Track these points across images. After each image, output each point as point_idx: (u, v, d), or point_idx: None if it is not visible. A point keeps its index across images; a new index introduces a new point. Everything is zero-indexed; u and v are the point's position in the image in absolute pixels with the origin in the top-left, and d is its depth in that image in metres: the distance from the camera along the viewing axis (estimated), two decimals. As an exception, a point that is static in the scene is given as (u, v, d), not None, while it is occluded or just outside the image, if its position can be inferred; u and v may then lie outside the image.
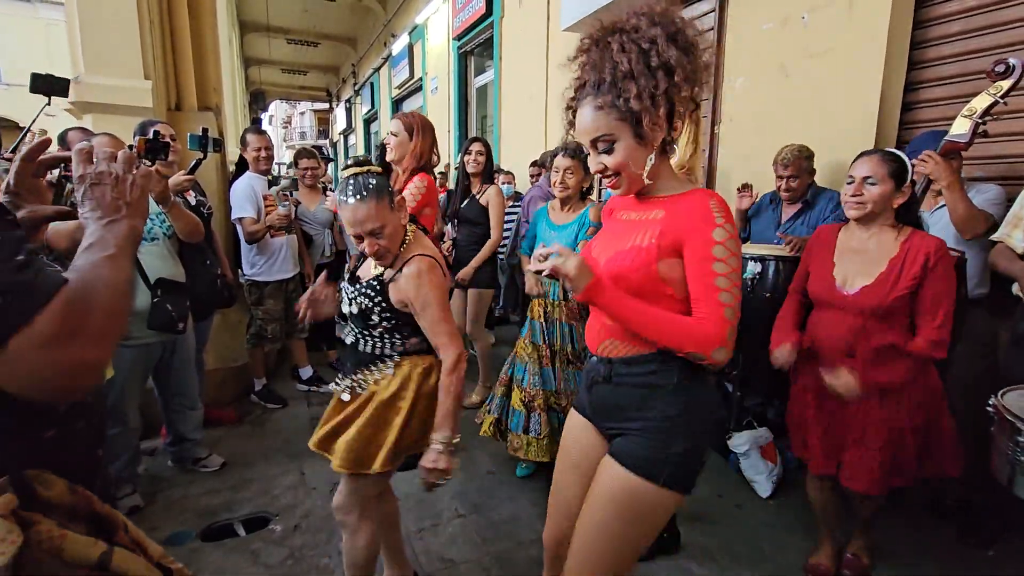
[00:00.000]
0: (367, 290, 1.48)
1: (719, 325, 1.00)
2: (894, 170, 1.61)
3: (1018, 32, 2.22)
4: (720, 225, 1.01)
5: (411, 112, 2.57)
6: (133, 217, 0.80)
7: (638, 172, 1.08)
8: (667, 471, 1.07)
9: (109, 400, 2.13)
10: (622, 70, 1.01)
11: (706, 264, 1.01)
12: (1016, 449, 1.17)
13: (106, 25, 2.91)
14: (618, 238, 1.14)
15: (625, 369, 1.13)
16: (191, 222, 2.36)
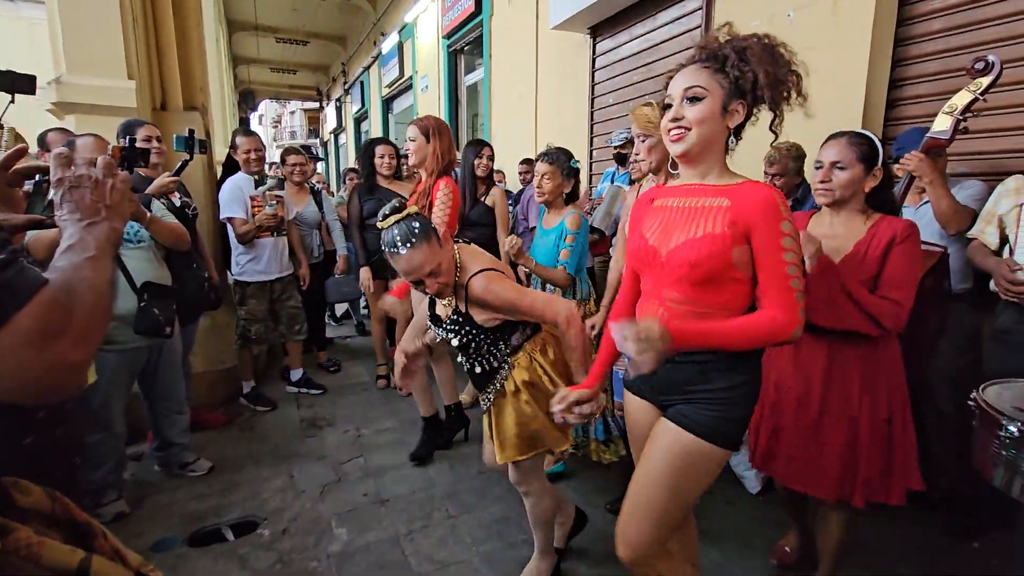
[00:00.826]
0: (455, 327, 1.57)
1: (792, 310, 1.11)
2: (863, 153, 1.54)
3: (999, 29, 2.24)
4: (787, 218, 1.12)
5: (426, 116, 2.64)
6: (113, 219, 0.79)
7: (707, 137, 1.17)
8: (727, 433, 1.19)
9: (94, 405, 2.10)
10: (752, 54, 1.13)
11: (777, 255, 1.11)
12: (996, 443, 1.18)
13: (88, 24, 2.88)
14: (682, 225, 1.20)
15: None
16: (174, 231, 2.34)
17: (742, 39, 1.17)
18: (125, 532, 2.12)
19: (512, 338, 1.60)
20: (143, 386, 2.39)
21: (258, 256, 3.21)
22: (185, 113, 3.49)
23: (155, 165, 2.73)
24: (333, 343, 4.81)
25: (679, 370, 1.22)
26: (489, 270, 1.52)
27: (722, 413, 1.19)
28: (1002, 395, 1.29)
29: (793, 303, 1.12)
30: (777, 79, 1.14)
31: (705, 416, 1.19)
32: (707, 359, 1.19)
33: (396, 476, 2.56)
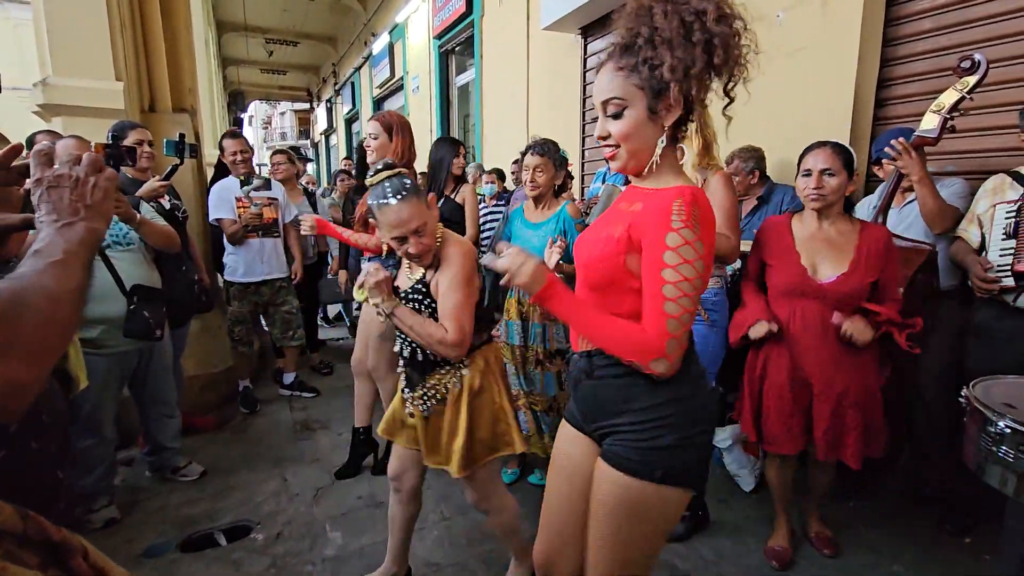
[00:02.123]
0: (414, 295, 1.48)
1: (658, 335, 0.96)
2: (846, 161, 1.72)
3: (987, 29, 2.26)
4: (676, 229, 0.94)
5: (387, 112, 2.51)
6: (93, 220, 0.75)
7: (640, 148, 1.03)
8: (661, 466, 1.02)
9: (84, 410, 2.08)
10: (659, 36, 0.95)
11: (655, 269, 0.96)
12: (986, 439, 1.19)
13: (74, 25, 2.84)
14: (602, 227, 1.10)
15: (604, 361, 1.08)
16: (163, 234, 2.32)
17: (652, 12, 0.96)
18: (117, 538, 2.10)
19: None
20: (134, 390, 2.36)
21: (242, 257, 3.19)
22: (174, 115, 3.45)
23: (144, 169, 2.71)
24: (326, 345, 4.78)
25: (599, 389, 1.10)
26: (470, 245, 1.51)
27: (649, 442, 1.03)
28: (992, 391, 1.30)
29: (660, 329, 0.96)
30: (685, 65, 0.94)
31: (631, 448, 1.04)
32: (625, 373, 1.05)
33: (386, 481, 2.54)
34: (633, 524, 1.06)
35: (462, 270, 1.44)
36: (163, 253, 2.38)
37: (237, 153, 3.19)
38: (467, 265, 1.46)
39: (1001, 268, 1.83)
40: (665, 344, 0.96)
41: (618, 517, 1.06)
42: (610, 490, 1.06)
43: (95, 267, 2.10)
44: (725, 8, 0.95)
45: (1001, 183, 1.91)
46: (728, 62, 0.96)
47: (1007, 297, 1.84)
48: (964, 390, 1.31)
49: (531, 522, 2.20)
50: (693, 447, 1.05)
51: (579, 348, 1.16)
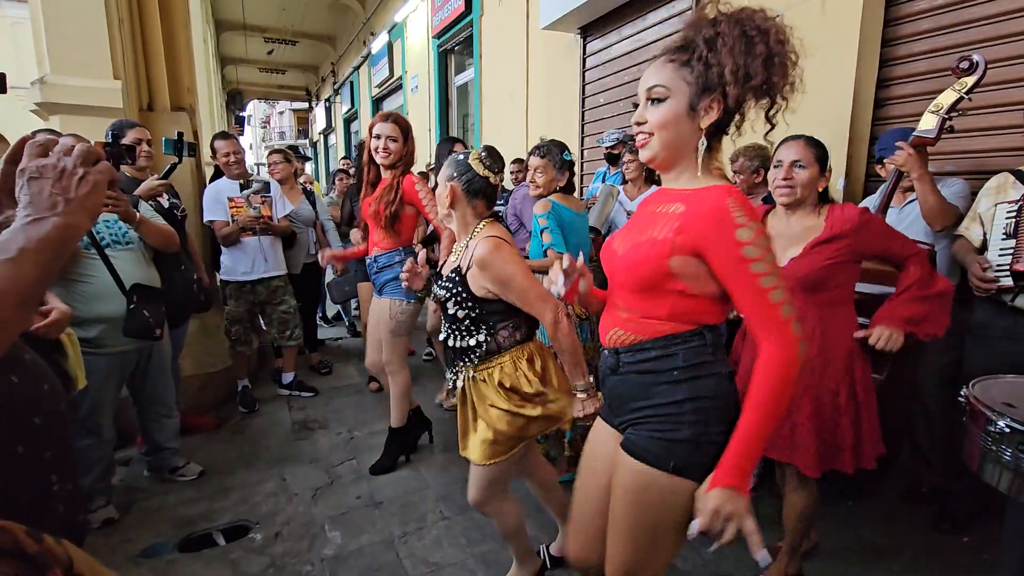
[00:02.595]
0: (447, 283, 1.57)
1: (784, 328, 0.96)
2: (819, 154, 1.66)
3: (986, 29, 2.27)
4: (743, 224, 0.96)
5: (398, 114, 2.53)
6: (71, 215, 0.70)
7: (672, 141, 1.05)
8: (675, 458, 1.05)
9: (83, 410, 2.07)
10: (723, 41, 0.98)
11: (742, 266, 0.96)
12: (986, 438, 1.20)
13: (72, 24, 2.84)
14: (639, 230, 1.12)
15: (630, 357, 1.12)
16: (162, 233, 2.31)
17: (718, 22, 1.01)
18: (114, 538, 2.10)
19: (500, 332, 1.57)
20: (132, 390, 2.36)
21: (237, 256, 3.18)
22: (172, 114, 3.45)
23: (144, 168, 2.71)
24: (325, 344, 4.78)
25: (624, 384, 1.14)
26: (495, 238, 1.52)
27: (665, 434, 1.06)
28: (991, 391, 1.31)
29: (781, 321, 0.96)
30: (749, 74, 0.97)
31: (647, 438, 1.08)
32: (649, 369, 1.09)
33: (389, 478, 2.55)
34: (647, 512, 1.09)
35: (498, 263, 1.49)
36: (161, 252, 2.38)
37: (230, 154, 3.17)
38: (500, 255, 1.49)
39: (1000, 268, 1.83)
40: (790, 331, 0.96)
41: (633, 504, 1.10)
42: (627, 477, 1.10)
43: (94, 267, 2.09)
44: (785, 33, 0.99)
45: (1004, 182, 1.91)
46: (780, 84, 1.00)
47: (1005, 297, 1.84)
48: (964, 390, 1.31)
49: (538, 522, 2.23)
50: (709, 445, 1.06)
51: (606, 343, 1.19)
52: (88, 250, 2.07)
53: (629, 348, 1.12)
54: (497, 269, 1.48)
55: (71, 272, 2.03)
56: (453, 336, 1.60)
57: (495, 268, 1.48)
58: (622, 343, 1.13)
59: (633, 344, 1.11)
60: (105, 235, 2.14)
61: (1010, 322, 1.84)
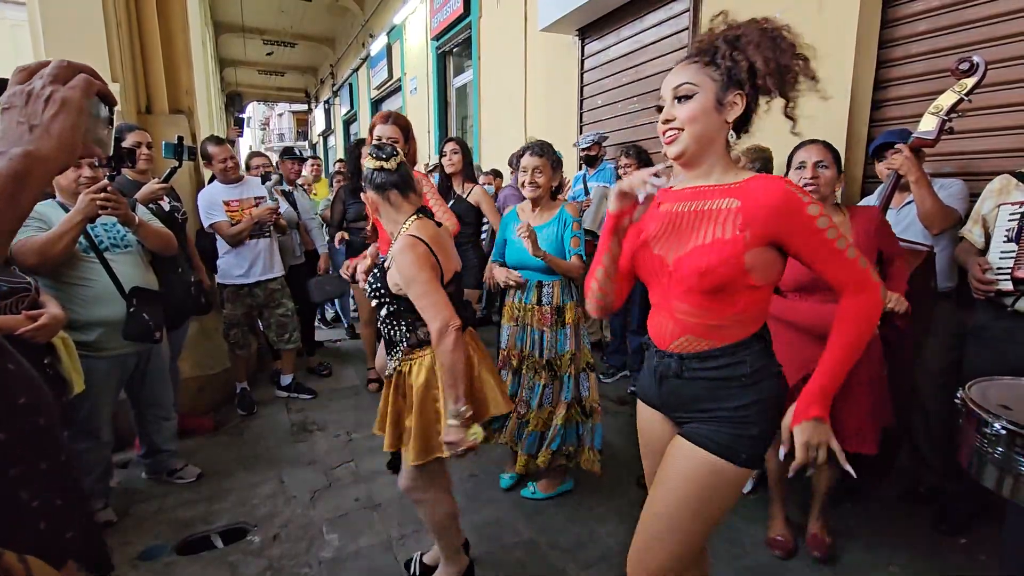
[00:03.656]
0: (371, 278, 1.62)
1: (866, 278, 1.06)
2: (836, 156, 1.79)
3: (983, 30, 2.27)
4: (809, 202, 1.05)
5: (398, 114, 2.49)
6: (36, 141, 0.62)
7: (702, 135, 1.10)
8: (745, 452, 1.11)
9: (81, 413, 2.07)
10: (746, 39, 1.06)
11: (820, 236, 1.04)
12: (983, 440, 1.19)
13: (70, 26, 2.84)
14: (689, 231, 1.12)
15: (698, 364, 1.14)
16: (161, 236, 2.31)
17: (735, 27, 1.10)
18: (112, 541, 2.09)
19: (419, 328, 1.59)
20: (130, 392, 2.35)
21: (235, 259, 3.18)
22: (171, 116, 3.45)
23: (144, 171, 2.72)
24: (323, 346, 4.78)
25: (688, 387, 1.16)
26: (413, 238, 1.52)
27: (738, 431, 1.12)
28: (988, 393, 1.30)
29: (861, 272, 1.06)
30: (780, 65, 1.06)
31: (721, 434, 1.12)
32: (717, 376, 1.13)
33: (388, 480, 2.54)
34: (707, 499, 1.13)
35: (406, 262, 1.49)
36: (159, 255, 2.38)
37: (227, 159, 3.16)
38: (410, 255, 1.49)
39: (1000, 271, 1.83)
40: (870, 277, 1.07)
41: (694, 490, 1.13)
42: (690, 466, 1.14)
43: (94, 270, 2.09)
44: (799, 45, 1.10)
45: (1007, 184, 1.90)
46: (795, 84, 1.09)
47: (1005, 301, 1.84)
48: (960, 391, 1.31)
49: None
50: (770, 438, 1.15)
51: (669, 348, 1.18)
52: (87, 254, 2.07)
53: (698, 355, 1.14)
54: (404, 268, 1.49)
55: (70, 276, 2.03)
56: (384, 326, 1.66)
57: (403, 266, 1.50)
58: (691, 349, 1.15)
59: (702, 351, 1.14)
60: (104, 238, 2.14)
61: (1010, 324, 1.84)
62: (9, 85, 0.64)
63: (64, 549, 0.76)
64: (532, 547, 2.07)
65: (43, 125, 0.62)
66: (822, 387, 1.09)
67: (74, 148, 0.65)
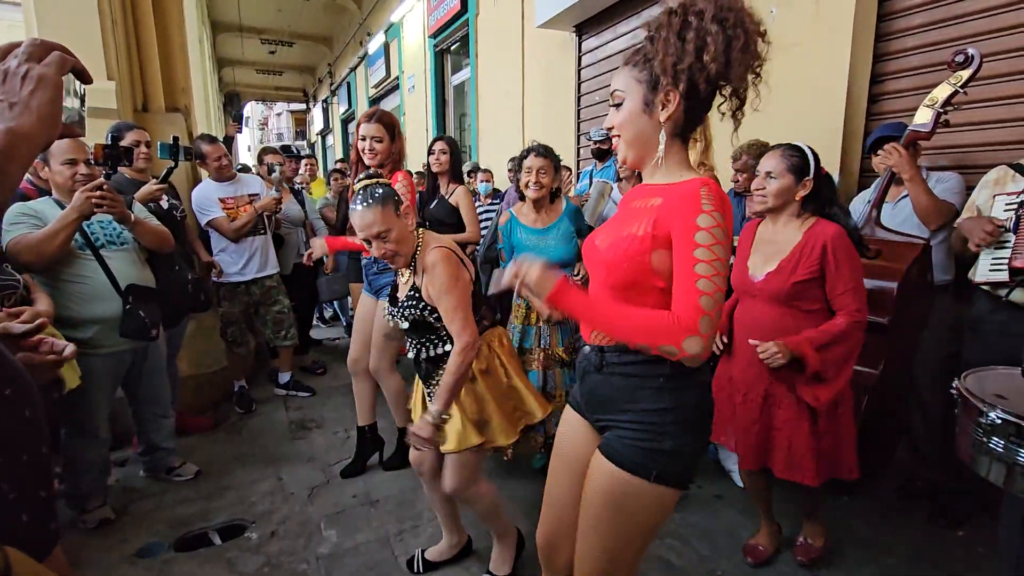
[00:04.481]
0: (410, 303, 1.60)
1: (691, 313, 0.93)
2: (794, 165, 1.68)
3: (979, 23, 2.27)
4: (707, 212, 0.96)
5: (382, 111, 2.48)
6: (16, 118, 0.63)
7: (634, 139, 1.08)
8: (658, 467, 1.05)
9: (78, 411, 2.07)
10: (658, 35, 1.01)
11: (687, 249, 0.96)
12: (978, 430, 1.19)
13: (65, 25, 2.83)
14: (620, 226, 1.11)
15: (616, 358, 1.10)
16: (157, 234, 2.31)
17: (661, 15, 1.02)
18: (111, 539, 2.09)
19: (448, 340, 1.61)
20: (128, 390, 2.35)
21: (231, 257, 3.17)
22: (167, 115, 3.44)
23: (142, 170, 2.72)
24: (321, 344, 4.78)
25: (605, 383, 1.13)
26: (446, 249, 1.56)
27: (648, 443, 1.05)
28: (983, 383, 1.30)
29: (695, 306, 0.93)
30: (672, 60, 0.97)
31: (630, 446, 1.07)
32: (634, 373, 1.08)
33: (385, 477, 2.54)
34: (624, 516, 1.09)
35: (444, 274, 1.52)
36: (156, 252, 2.37)
37: (222, 157, 3.16)
38: (447, 268, 1.53)
39: (996, 262, 1.82)
40: (699, 321, 0.92)
41: (610, 508, 1.09)
42: (606, 482, 1.09)
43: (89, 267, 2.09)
44: (726, 11, 0.96)
45: (1003, 175, 1.90)
46: (722, 62, 0.96)
47: (1000, 292, 1.84)
48: (956, 382, 1.31)
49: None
50: (690, 453, 1.09)
51: (590, 339, 1.17)
52: (83, 251, 2.07)
53: (616, 348, 1.10)
54: (441, 279, 1.51)
55: (66, 273, 2.02)
56: (425, 349, 1.64)
57: (439, 277, 1.51)
58: (608, 342, 1.12)
59: (621, 345, 1.09)
60: (100, 236, 2.14)
61: (1006, 316, 1.84)
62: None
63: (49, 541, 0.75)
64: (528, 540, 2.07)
65: (22, 102, 0.63)
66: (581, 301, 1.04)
67: (55, 122, 0.65)
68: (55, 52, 0.67)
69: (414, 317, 1.59)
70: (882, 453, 2.19)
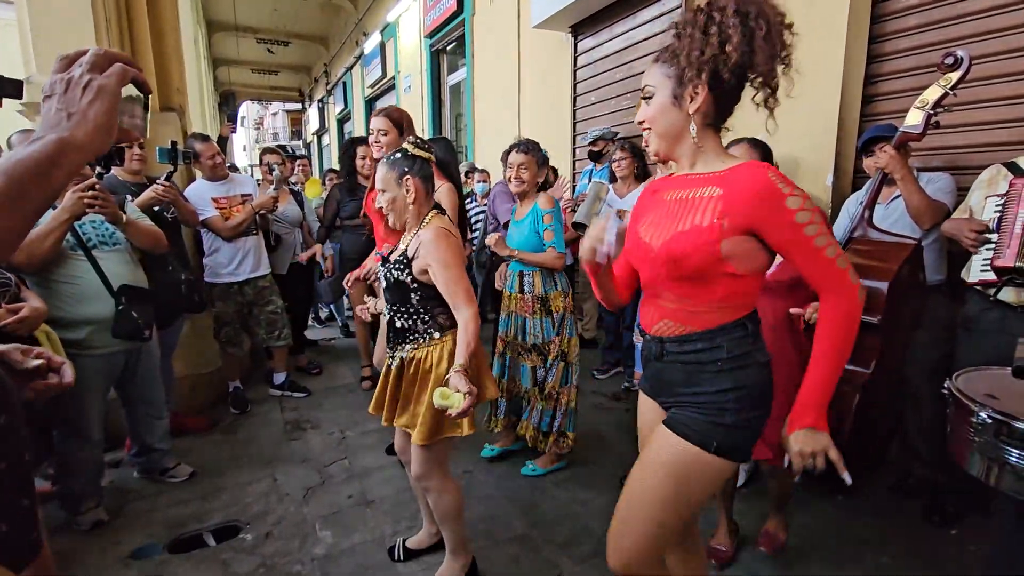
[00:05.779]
0: (396, 265, 1.66)
1: (841, 277, 1.03)
2: (763, 156, 1.76)
3: (973, 24, 2.28)
4: (790, 194, 1.01)
5: (394, 107, 2.48)
6: (73, 128, 0.64)
7: (664, 132, 1.12)
8: (718, 440, 1.10)
9: (71, 412, 2.06)
10: (682, 30, 1.07)
11: (798, 232, 1.01)
12: (969, 430, 1.20)
13: (58, 23, 2.82)
14: (673, 218, 1.13)
15: (676, 348, 1.16)
16: (150, 234, 2.31)
17: (687, 14, 1.10)
18: (104, 540, 2.09)
19: (441, 315, 1.66)
20: (121, 391, 2.34)
21: (224, 257, 3.16)
22: (162, 114, 3.42)
23: (137, 171, 2.72)
24: (317, 345, 4.76)
25: (668, 370, 1.19)
26: (446, 229, 1.63)
27: (711, 418, 1.11)
28: (975, 383, 1.31)
29: (838, 271, 1.03)
30: (695, 53, 1.03)
31: (695, 421, 1.13)
32: (691, 360, 1.14)
33: (381, 477, 2.54)
34: (683, 486, 1.13)
35: (446, 248, 1.59)
36: (148, 253, 2.36)
37: (215, 155, 3.15)
38: (450, 243, 1.61)
39: (986, 262, 1.84)
40: (849, 279, 1.04)
41: (671, 477, 1.13)
42: (669, 451, 1.14)
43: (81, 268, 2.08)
44: (746, 5, 1.02)
45: (996, 174, 1.91)
46: (745, 51, 1.02)
47: (988, 291, 1.85)
48: (947, 382, 1.32)
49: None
50: (748, 428, 1.13)
51: (652, 331, 1.21)
52: (75, 251, 2.05)
53: (676, 339, 1.15)
54: (441, 254, 1.58)
55: (58, 273, 2.01)
56: (399, 316, 1.69)
57: (439, 252, 1.58)
58: (669, 333, 1.16)
59: (680, 336, 1.15)
60: (92, 236, 2.13)
61: (999, 315, 1.86)
62: (51, 74, 0.66)
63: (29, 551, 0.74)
64: (526, 542, 2.07)
65: (80, 112, 0.65)
66: (812, 394, 1.08)
67: (110, 132, 0.67)
68: (117, 64, 0.68)
69: (395, 279, 1.65)
70: (876, 452, 2.20)
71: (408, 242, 1.67)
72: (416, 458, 1.71)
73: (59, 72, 0.66)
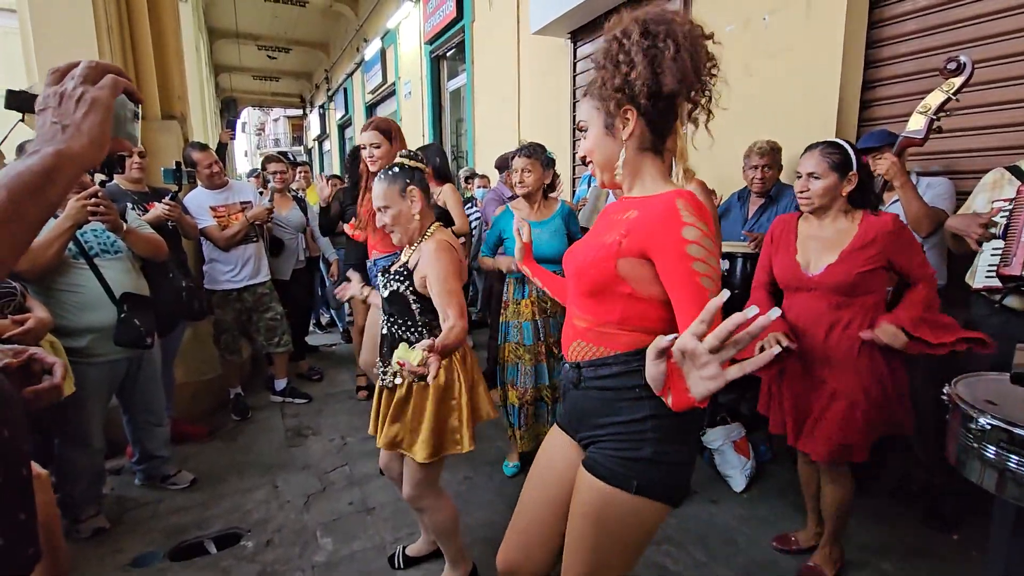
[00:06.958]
0: (397, 277, 1.66)
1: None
2: (836, 162, 1.70)
3: (970, 30, 2.29)
4: (690, 224, 0.94)
5: (381, 118, 2.51)
6: (68, 140, 0.64)
7: (604, 162, 1.11)
8: (638, 477, 1.03)
9: (72, 420, 2.06)
10: (597, 62, 1.07)
11: (684, 264, 0.94)
12: (967, 435, 1.20)
13: (60, 31, 2.84)
14: (596, 236, 1.13)
15: (591, 372, 1.10)
16: (150, 242, 2.32)
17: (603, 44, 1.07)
18: (105, 548, 2.08)
19: (437, 327, 1.63)
20: (122, 398, 2.34)
21: (223, 264, 3.17)
22: (163, 122, 3.44)
23: (138, 180, 2.74)
24: (318, 351, 4.77)
25: (584, 399, 1.12)
26: (450, 244, 1.63)
27: (627, 452, 1.04)
28: (974, 389, 1.31)
29: None
30: (613, 89, 1.02)
31: (610, 458, 1.06)
32: (610, 386, 1.07)
33: (381, 484, 2.54)
34: (608, 532, 1.07)
35: (446, 262, 1.58)
36: (149, 261, 2.37)
37: (212, 164, 3.15)
38: (450, 256, 1.60)
39: (991, 268, 1.83)
40: None
41: (593, 524, 1.08)
42: (589, 497, 1.08)
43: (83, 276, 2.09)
44: (653, 25, 0.99)
45: (999, 178, 1.91)
46: (648, 75, 0.99)
47: (993, 297, 1.85)
48: (946, 387, 1.32)
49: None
50: (672, 462, 1.06)
51: (568, 356, 1.17)
52: (77, 259, 2.06)
53: (590, 363, 1.10)
54: (442, 267, 1.57)
55: (60, 282, 2.02)
56: (394, 327, 1.68)
57: (440, 265, 1.57)
58: (583, 357, 1.12)
59: (595, 359, 1.10)
60: (94, 244, 2.13)
61: (1001, 320, 1.85)
62: (44, 87, 0.67)
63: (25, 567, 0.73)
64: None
65: (74, 124, 0.65)
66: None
67: (104, 144, 0.68)
68: (109, 75, 0.69)
69: (395, 289, 1.65)
70: (877, 456, 2.19)
71: (409, 255, 1.67)
72: (409, 479, 1.70)
73: (51, 85, 0.67)
